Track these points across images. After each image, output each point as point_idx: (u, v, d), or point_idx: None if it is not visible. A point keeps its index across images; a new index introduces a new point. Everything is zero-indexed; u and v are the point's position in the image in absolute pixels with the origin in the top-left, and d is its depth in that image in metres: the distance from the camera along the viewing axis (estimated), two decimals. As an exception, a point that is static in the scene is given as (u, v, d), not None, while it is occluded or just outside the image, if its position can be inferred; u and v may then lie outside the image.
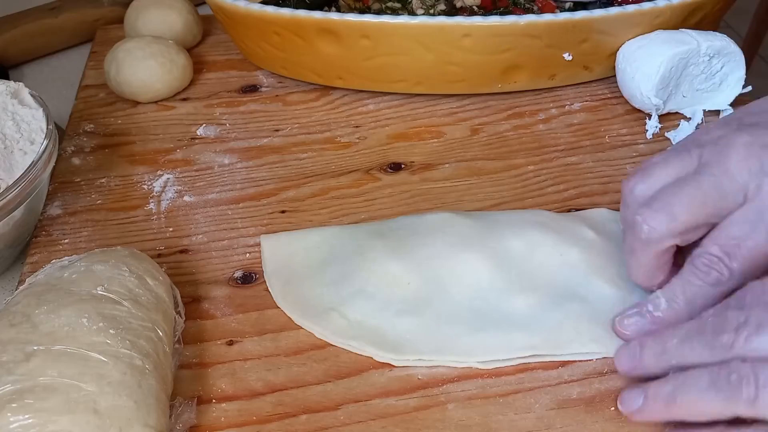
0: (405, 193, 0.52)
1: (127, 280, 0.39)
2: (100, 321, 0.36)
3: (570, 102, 0.61)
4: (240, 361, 0.42)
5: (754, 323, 0.34)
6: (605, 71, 0.61)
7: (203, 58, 0.67)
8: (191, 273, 0.47)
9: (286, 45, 0.59)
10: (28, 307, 0.37)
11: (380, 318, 0.43)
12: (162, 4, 0.66)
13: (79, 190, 0.54)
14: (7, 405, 0.33)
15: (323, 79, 0.61)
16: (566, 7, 0.63)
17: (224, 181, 0.54)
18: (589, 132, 0.58)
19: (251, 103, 0.62)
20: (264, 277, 0.46)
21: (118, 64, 0.60)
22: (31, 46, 0.72)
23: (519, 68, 0.59)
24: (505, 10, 0.62)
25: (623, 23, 0.57)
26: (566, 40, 0.57)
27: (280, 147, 0.57)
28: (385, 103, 0.61)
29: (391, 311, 0.43)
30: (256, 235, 0.49)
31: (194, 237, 0.50)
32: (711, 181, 0.38)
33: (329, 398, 0.40)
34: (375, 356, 0.41)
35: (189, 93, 0.63)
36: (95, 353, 0.35)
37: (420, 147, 0.57)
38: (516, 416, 0.38)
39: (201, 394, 0.40)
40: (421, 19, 0.55)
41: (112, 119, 0.61)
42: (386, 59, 0.57)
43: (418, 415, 0.39)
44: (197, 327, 0.44)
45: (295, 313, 0.44)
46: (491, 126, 0.59)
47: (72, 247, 0.49)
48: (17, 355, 0.35)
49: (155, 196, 0.53)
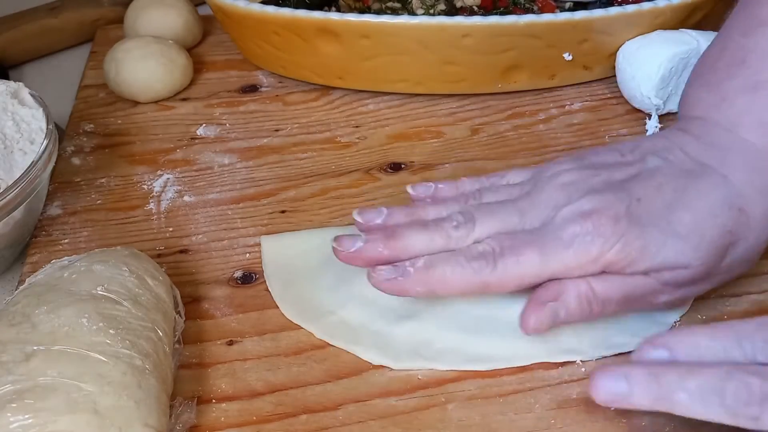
0: (405, 194, 0.52)
1: (127, 280, 0.39)
2: (100, 321, 0.36)
3: (570, 102, 0.61)
4: (240, 361, 0.42)
5: None
6: (605, 71, 0.61)
7: (203, 58, 0.67)
8: (191, 273, 0.47)
9: (285, 45, 0.59)
10: (27, 307, 0.37)
11: (380, 323, 0.42)
12: (162, 4, 0.66)
13: (79, 190, 0.54)
14: (7, 405, 0.33)
15: (323, 79, 0.61)
16: (566, 7, 0.63)
17: (224, 181, 0.54)
18: (589, 132, 0.58)
19: (251, 103, 0.62)
20: (264, 277, 0.46)
21: (118, 64, 0.60)
22: (31, 46, 0.72)
23: (519, 68, 0.59)
24: (505, 10, 0.62)
25: (623, 23, 0.57)
26: (566, 40, 0.57)
27: (280, 147, 0.57)
28: (385, 103, 0.61)
29: (391, 316, 0.43)
30: (256, 235, 0.49)
31: (194, 237, 0.50)
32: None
33: (329, 398, 0.40)
34: (374, 361, 0.41)
35: (189, 93, 0.63)
36: (95, 353, 0.35)
37: (420, 147, 0.57)
38: (516, 416, 0.38)
39: (201, 394, 0.40)
40: (421, 19, 0.55)
41: (112, 119, 0.61)
42: (386, 59, 0.57)
43: (418, 415, 0.39)
44: (197, 327, 0.44)
45: (295, 315, 0.44)
46: (491, 126, 0.59)
47: (72, 247, 0.49)
48: (17, 355, 0.35)
49: (155, 196, 0.53)
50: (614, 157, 0.42)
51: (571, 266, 0.38)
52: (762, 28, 0.42)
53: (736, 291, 0.44)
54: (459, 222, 0.40)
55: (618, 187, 0.40)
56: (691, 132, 0.42)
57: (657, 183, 0.40)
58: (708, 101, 0.43)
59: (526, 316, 0.39)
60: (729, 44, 0.43)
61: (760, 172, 0.40)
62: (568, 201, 0.39)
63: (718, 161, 0.40)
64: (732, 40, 0.43)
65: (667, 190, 0.39)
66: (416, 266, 0.39)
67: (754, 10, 0.43)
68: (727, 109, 0.42)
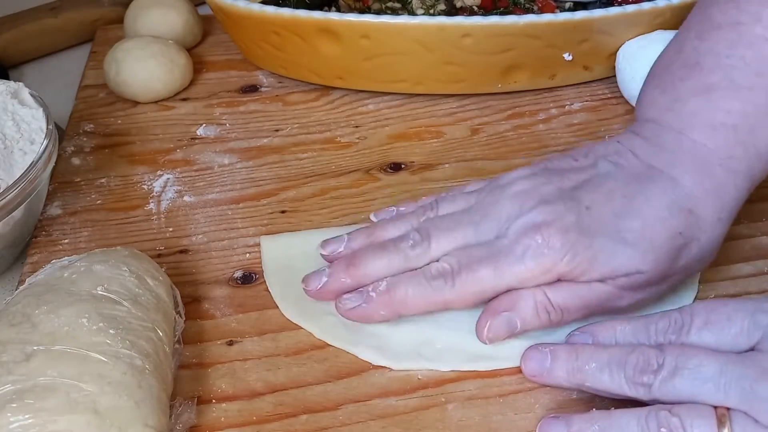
0: (405, 194, 0.52)
1: (127, 280, 0.39)
2: (100, 321, 0.36)
3: (570, 102, 0.61)
4: (240, 361, 0.42)
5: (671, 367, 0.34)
6: (605, 71, 0.61)
7: (203, 58, 0.67)
8: (191, 273, 0.47)
9: (285, 45, 0.59)
10: (28, 307, 0.37)
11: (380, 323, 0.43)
12: (162, 4, 0.66)
13: (79, 190, 0.54)
14: (7, 405, 0.33)
15: (323, 79, 0.61)
16: (566, 7, 0.63)
17: (224, 181, 0.54)
18: (589, 132, 0.58)
19: (251, 103, 0.62)
20: (264, 277, 0.46)
21: (118, 64, 0.60)
22: (31, 46, 0.72)
23: (519, 68, 0.59)
24: (505, 10, 0.62)
25: (623, 23, 0.57)
26: (566, 40, 0.57)
27: (280, 147, 0.57)
28: (385, 103, 0.61)
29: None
30: (256, 235, 0.49)
31: (194, 237, 0.50)
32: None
33: (329, 398, 0.40)
34: (374, 361, 0.41)
35: (189, 93, 0.63)
36: (95, 353, 0.35)
37: (420, 147, 0.57)
38: (516, 416, 0.38)
39: (201, 394, 0.40)
40: (421, 19, 0.55)
41: (112, 119, 0.61)
42: (386, 59, 0.57)
43: (418, 415, 0.39)
44: (197, 327, 0.44)
45: (295, 315, 0.44)
46: (491, 126, 0.59)
47: (72, 247, 0.49)
48: (17, 355, 0.35)
49: (155, 196, 0.53)
50: (568, 163, 0.43)
51: (525, 278, 0.40)
52: (717, 31, 0.42)
53: (738, 291, 0.44)
54: (415, 241, 0.42)
55: (568, 195, 0.40)
56: (643, 135, 0.43)
57: (607, 189, 0.40)
58: (661, 103, 0.43)
59: (480, 325, 0.40)
60: (685, 46, 0.43)
61: (710, 173, 0.40)
62: (519, 212, 0.40)
63: (667, 164, 0.41)
64: (688, 42, 0.43)
65: (617, 196, 0.40)
66: (378, 290, 0.41)
67: (710, 12, 0.43)
68: (679, 110, 0.42)
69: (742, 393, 0.32)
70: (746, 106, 0.41)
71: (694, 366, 0.34)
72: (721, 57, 0.41)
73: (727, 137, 0.41)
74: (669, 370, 0.34)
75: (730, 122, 0.41)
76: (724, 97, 0.41)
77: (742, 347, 0.34)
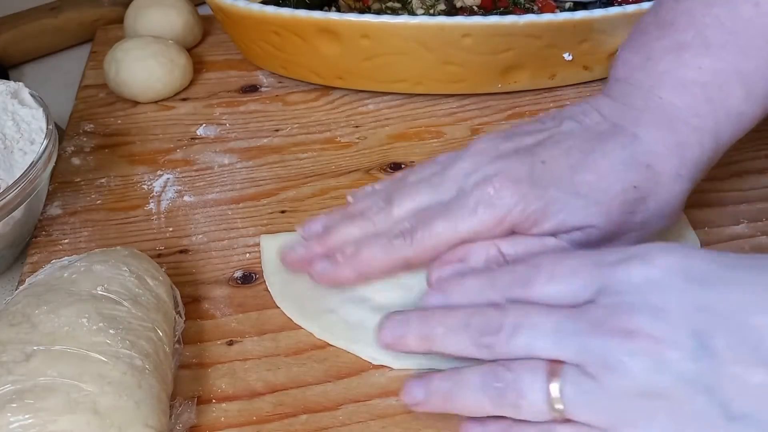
0: (405, 193, 0.52)
1: (127, 280, 0.39)
2: (100, 321, 0.36)
3: (570, 102, 0.60)
4: (240, 361, 0.42)
5: (510, 327, 0.34)
6: (605, 71, 0.61)
7: (203, 58, 0.67)
8: (191, 273, 0.47)
9: (285, 45, 0.59)
10: (28, 307, 0.37)
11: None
12: (162, 4, 0.66)
13: (79, 190, 0.54)
14: (7, 405, 0.33)
15: (323, 79, 0.61)
16: (566, 7, 0.63)
17: (224, 181, 0.54)
18: (589, 132, 0.58)
19: (251, 103, 0.62)
20: (264, 277, 0.46)
21: (118, 64, 0.60)
22: (31, 46, 0.72)
23: (519, 68, 0.59)
24: (505, 10, 0.62)
25: (623, 23, 0.57)
26: (566, 40, 0.57)
27: (280, 147, 0.57)
28: (385, 103, 0.61)
29: None
30: (256, 235, 0.49)
31: (194, 237, 0.50)
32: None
33: (329, 398, 0.40)
34: (374, 360, 0.41)
35: (189, 93, 0.63)
36: (95, 353, 0.35)
37: (420, 147, 0.57)
38: (516, 416, 0.38)
39: (201, 394, 0.40)
40: (421, 19, 0.55)
41: (112, 119, 0.61)
42: (386, 59, 0.57)
43: (418, 415, 0.39)
44: (197, 327, 0.44)
45: (294, 314, 0.44)
46: (491, 126, 0.59)
47: (72, 247, 0.49)
48: (17, 355, 0.35)
49: (155, 196, 0.53)
50: (534, 126, 0.43)
51: (478, 230, 0.40)
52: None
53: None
54: (379, 207, 0.43)
55: (525, 151, 0.41)
56: (611, 95, 0.43)
57: (566, 146, 0.41)
58: (634, 62, 0.43)
59: (429, 273, 0.41)
60: (661, 9, 0.43)
61: (674, 129, 0.40)
62: (475, 168, 0.41)
63: (631, 121, 0.41)
64: (665, 5, 0.43)
65: (575, 152, 0.40)
66: (344, 254, 0.42)
67: None
68: (651, 69, 0.42)
69: (575, 347, 0.32)
70: (716, 63, 0.40)
71: (531, 325, 0.34)
72: (696, 16, 0.41)
73: (695, 94, 0.41)
74: (508, 330, 0.34)
75: (701, 79, 0.41)
76: (697, 54, 0.41)
77: (582, 300, 0.34)
